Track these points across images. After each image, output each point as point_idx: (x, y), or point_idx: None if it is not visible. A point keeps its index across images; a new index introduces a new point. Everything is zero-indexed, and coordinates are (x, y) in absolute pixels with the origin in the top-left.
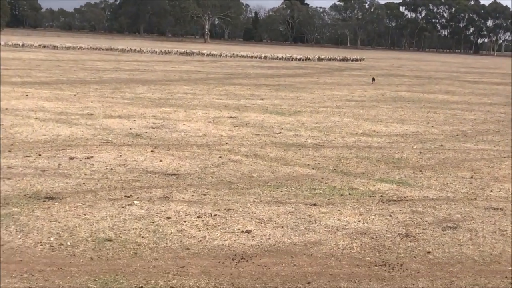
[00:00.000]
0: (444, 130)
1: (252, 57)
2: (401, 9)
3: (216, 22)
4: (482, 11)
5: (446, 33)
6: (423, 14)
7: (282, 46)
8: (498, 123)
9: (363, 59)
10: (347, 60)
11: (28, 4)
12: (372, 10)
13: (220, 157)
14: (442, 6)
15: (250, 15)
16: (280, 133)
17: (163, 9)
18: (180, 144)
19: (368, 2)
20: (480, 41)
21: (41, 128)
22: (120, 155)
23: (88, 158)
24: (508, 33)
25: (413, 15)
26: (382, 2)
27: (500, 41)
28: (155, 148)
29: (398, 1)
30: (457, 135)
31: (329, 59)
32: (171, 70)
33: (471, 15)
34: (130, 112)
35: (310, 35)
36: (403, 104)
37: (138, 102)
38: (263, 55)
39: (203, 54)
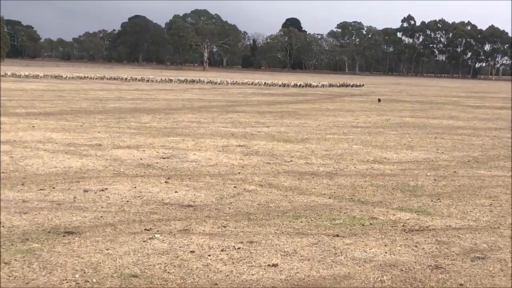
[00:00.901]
0: (455, 156)
1: (252, 84)
2: (399, 34)
3: (215, 50)
4: (480, 35)
5: (443, 58)
6: (421, 39)
7: (280, 73)
8: (507, 149)
9: (363, 85)
10: (347, 86)
11: (27, 34)
12: (369, 36)
13: (235, 187)
14: (439, 32)
15: (249, 43)
16: (291, 161)
17: (161, 37)
18: (193, 174)
19: (365, 28)
20: (478, 65)
21: (51, 160)
22: (135, 187)
23: (102, 190)
24: (506, 57)
25: (411, 41)
26: (380, 28)
27: (498, 65)
28: (168, 179)
29: (395, 27)
30: (468, 161)
31: (329, 85)
32: (173, 99)
33: (468, 39)
34: (138, 142)
35: (308, 62)
36: (409, 130)
37: (145, 131)
38: (263, 82)
39: (203, 81)
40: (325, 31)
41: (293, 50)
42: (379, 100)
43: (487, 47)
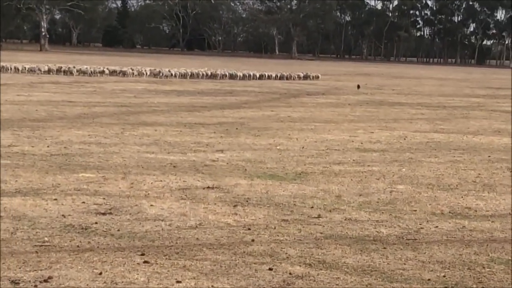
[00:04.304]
0: None
1: (137, 74)
2: None
3: (58, 17)
4: None
5: (429, 32)
6: (395, 3)
7: (170, 55)
8: None
9: (318, 77)
10: (291, 78)
11: None
12: None
13: (270, 269)
14: None
15: (115, 5)
16: (319, 216)
17: None
18: (177, 245)
19: None
20: (486, 43)
21: None
22: (100, 273)
23: (45, 281)
24: None
25: (380, 4)
26: None
27: None
28: (142, 255)
29: None
30: None
31: (262, 77)
32: (22, 101)
33: (471, 3)
34: (31, 183)
35: (214, 37)
36: (455, 156)
37: (25, 162)
38: (147, 70)
39: (52, 70)
40: None
41: (188, 18)
42: (358, 86)
43: (500, 14)
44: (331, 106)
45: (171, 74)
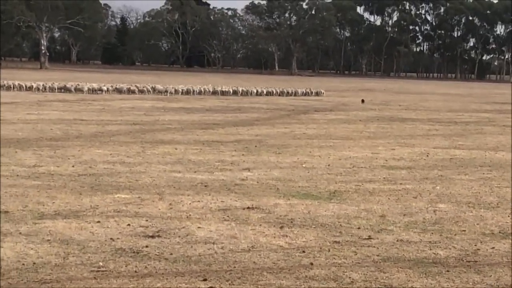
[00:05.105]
0: None
1: (141, 91)
2: (359, 10)
3: (57, 35)
4: (489, 11)
5: (426, 48)
6: (395, 18)
7: (170, 72)
8: None
9: (322, 93)
10: (295, 94)
11: None
12: (313, 12)
13: None
14: (423, 5)
15: (114, 23)
16: (369, 238)
17: None
18: (236, 269)
19: (306, 0)
20: (485, 58)
21: None
22: None
23: None
24: None
25: (379, 20)
26: (328, 0)
27: None
28: (205, 280)
29: None
30: None
31: (267, 93)
32: (34, 120)
33: (471, 18)
34: (69, 205)
35: (214, 54)
36: (484, 172)
37: (55, 183)
38: (150, 87)
39: (52, 88)
40: (240, 4)
41: (188, 35)
42: (362, 101)
43: (499, 29)
44: (343, 123)
45: (175, 91)
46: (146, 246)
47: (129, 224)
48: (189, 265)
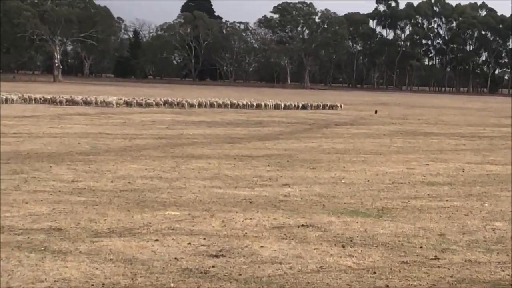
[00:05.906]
0: None
1: (158, 104)
2: (371, 24)
3: (70, 48)
4: (501, 26)
5: (438, 61)
6: (407, 32)
7: (184, 86)
8: None
9: (341, 107)
10: (313, 107)
11: None
12: (325, 26)
13: None
14: (436, 19)
15: (127, 36)
16: (436, 258)
17: None
18: None
19: (319, 14)
20: (497, 72)
21: None
22: None
23: None
24: None
25: (391, 33)
26: (341, 14)
27: None
28: None
29: (366, 12)
30: None
31: (285, 107)
32: (59, 134)
33: (483, 32)
34: (121, 223)
35: (227, 68)
36: None
37: (98, 199)
38: (165, 100)
39: (76, 101)
40: (253, 17)
41: (200, 49)
42: (375, 112)
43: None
44: (368, 137)
45: (190, 104)
46: (213, 266)
47: (189, 243)
48: (261, 286)
